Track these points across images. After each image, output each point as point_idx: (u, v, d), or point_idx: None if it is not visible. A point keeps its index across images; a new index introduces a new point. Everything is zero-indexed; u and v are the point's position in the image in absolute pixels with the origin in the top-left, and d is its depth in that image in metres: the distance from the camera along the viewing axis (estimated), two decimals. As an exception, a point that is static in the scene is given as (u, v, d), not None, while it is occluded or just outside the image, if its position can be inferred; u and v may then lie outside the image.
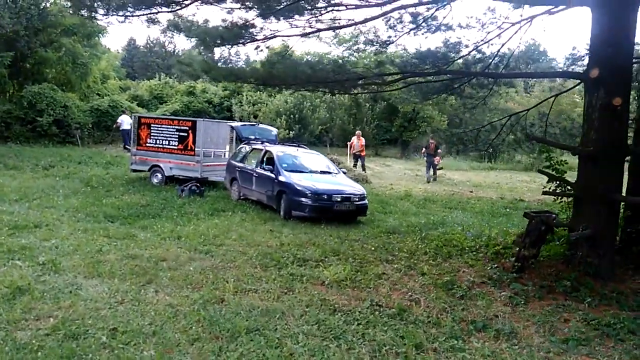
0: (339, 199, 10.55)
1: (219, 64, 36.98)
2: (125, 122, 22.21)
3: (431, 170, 19.64)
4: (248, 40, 7.68)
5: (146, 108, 27.70)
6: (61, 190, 12.61)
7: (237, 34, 7.51)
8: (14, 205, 10.62)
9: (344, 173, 12.34)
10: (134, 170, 15.72)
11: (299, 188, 10.70)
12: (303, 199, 10.52)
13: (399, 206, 13.32)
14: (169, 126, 14.97)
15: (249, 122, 17.18)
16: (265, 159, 12.45)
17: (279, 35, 7.78)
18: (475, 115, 32.06)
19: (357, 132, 21.58)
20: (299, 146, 13.51)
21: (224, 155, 15.74)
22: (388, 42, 9.09)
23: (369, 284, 6.16)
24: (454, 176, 21.29)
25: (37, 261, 6.54)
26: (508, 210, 13.38)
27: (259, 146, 13.16)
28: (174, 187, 14.06)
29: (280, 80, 7.72)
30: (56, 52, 23.54)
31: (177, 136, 14.80)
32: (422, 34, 9.25)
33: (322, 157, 13.07)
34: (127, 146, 22.17)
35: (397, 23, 9.05)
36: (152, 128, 15.21)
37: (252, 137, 14.14)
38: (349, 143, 21.45)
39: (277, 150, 12.28)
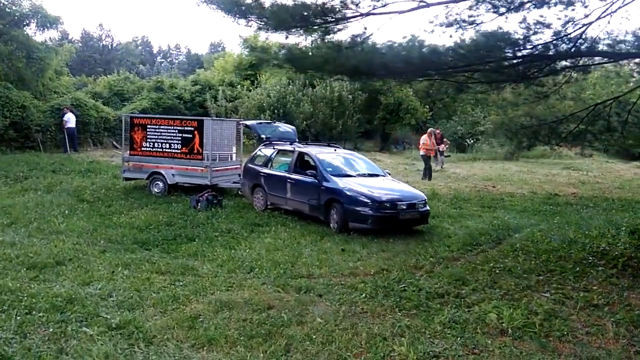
0: (404, 207, 9.21)
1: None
2: (72, 120, 19.91)
3: (438, 157, 20.89)
4: (337, 18, 6.14)
5: (108, 106, 25.05)
6: (55, 208, 10.52)
7: (325, 10, 5.97)
8: (8, 232, 8.59)
9: (389, 174, 10.98)
10: (127, 179, 13.69)
11: (356, 196, 9.26)
12: (363, 209, 9.10)
13: (436, 208, 12.13)
14: (169, 127, 13.04)
15: (264, 120, 15.31)
16: (299, 162, 10.90)
17: (375, 13, 6.28)
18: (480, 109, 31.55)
19: (430, 129, 18.92)
20: (328, 145, 12.02)
21: (231, 158, 14.01)
22: (470, 22, 7.78)
23: (561, 330, 4.83)
24: (457, 170, 20.44)
25: (106, 324, 4.81)
26: (553, 207, 12.51)
27: (287, 147, 11.57)
28: (180, 197, 12.29)
29: (387, 70, 6.25)
30: (7, 46, 20.60)
31: (180, 138, 12.92)
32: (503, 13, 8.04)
33: (363, 157, 11.65)
34: (74, 148, 19.93)
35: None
36: (148, 130, 13.23)
37: (272, 137, 12.50)
38: (423, 143, 17.85)
39: (315, 151, 10.75)
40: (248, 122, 13.65)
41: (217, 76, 30.34)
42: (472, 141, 29.79)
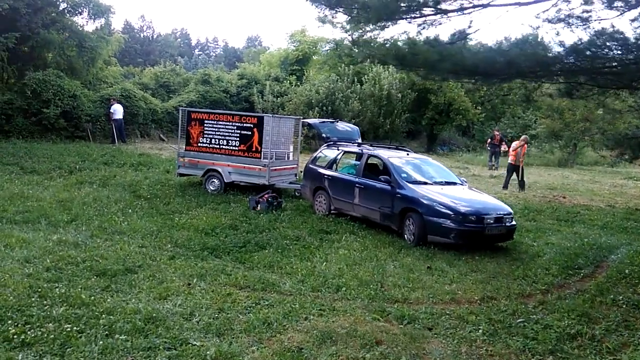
0: (491, 221, 8.39)
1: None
2: (118, 111, 19.65)
3: (493, 158, 22.00)
4: (455, 9, 5.39)
5: (154, 97, 24.83)
6: (113, 204, 10.11)
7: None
8: (69, 230, 8.16)
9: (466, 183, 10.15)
10: (181, 174, 13.23)
11: (437, 206, 8.49)
12: (444, 221, 8.32)
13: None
14: (227, 123, 12.49)
15: (327, 119, 14.60)
16: (368, 166, 10.20)
17: (495, 4, 5.51)
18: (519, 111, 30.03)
19: (524, 137, 16.85)
20: (397, 148, 11.27)
21: (288, 157, 13.40)
22: (583, 20, 6.90)
23: None
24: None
25: (200, 354, 4.21)
26: (637, 224, 11.45)
27: (354, 149, 10.87)
28: (237, 197, 11.75)
29: (511, 69, 5.47)
30: (60, 34, 20.51)
31: (238, 135, 12.35)
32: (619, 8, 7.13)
33: (438, 163, 10.86)
34: (122, 140, 19.69)
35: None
36: (205, 125, 12.72)
37: (334, 137, 11.83)
38: (513, 151, 15.97)
39: (387, 155, 10.01)
40: (310, 121, 13.02)
41: (262, 70, 29.86)
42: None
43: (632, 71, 7.57)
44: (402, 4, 5.61)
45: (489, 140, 23.07)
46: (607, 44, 7.24)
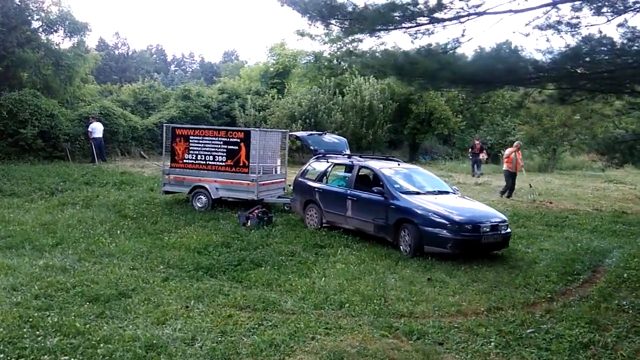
0: (486, 229, 8.35)
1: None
2: (98, 129, 19.26)
3: (475, 167, 22.25)
4: (450, 18, 5.34)
5: (134, 114, 24.44)
6: (98, 225, 9.81)
7: (433, 7, 5.18)
8: (55, 254, 7.86)
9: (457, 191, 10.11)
10: (167, 192, 12.95)
11: (432, 217, 8.41)
12: (441, 231, 8.24)
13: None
14: (213, 138, 12.29)
15: (314, 131, 14.38)
16: (359, 178, 10.11)
17: (491, 12, 5.49)
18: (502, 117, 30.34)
19: (517, 142, 16.81)
20: (387, 158, 11.22)
21: (276, 171, 13.24)
22: (572, 26, 6.95)
23: None
24: (500, 183, 19.46)
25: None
26: (626, 227, 11.55)
27: (345, 161, 10.77)
28: (226, 213, 11.54)
29: (511, 76, 5.43)
30: (35, 53, 20.08)
31: (225, 150, 12.16)
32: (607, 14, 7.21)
33: (428, 172, 10.81)
34: (102, 158, 19.29)
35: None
36: (190, 141, 12.50)
37: (322, 149, 11.71)
38: (506, 158, 15.71)
39: (379, 166, 9.93)
40: (298, 134, 12.90)
41: (243, 84, 29.74)
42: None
43: (619, 76, 7.66)
44: (396, 14, 5.55)
45: (470, 149, 23.51)
46: (596, 49, 7.33)
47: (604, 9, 7.26)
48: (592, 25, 7.29)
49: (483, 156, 22.52)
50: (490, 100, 31.60)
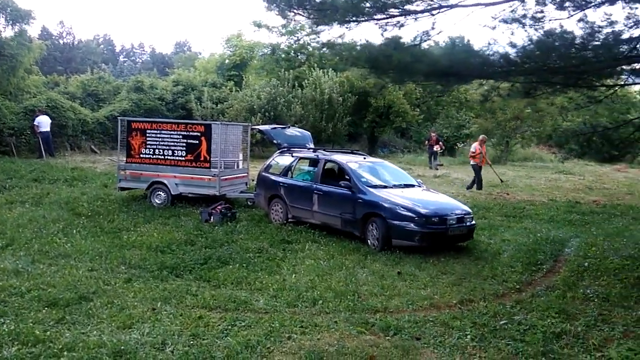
0: (453, 222, 8.43)
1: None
2: (45, 123, 18.35)
3: (432, 159, 22.65)
4: (419, 10, 5.27)
5: (84, 107, 23.39)
6: (51, 225, 9.29)
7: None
8: (5, 256, 7.41)
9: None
10: (123, 188, 12.43)
11: (400, 210, 8.42)
12: (408, 224, 8.26)
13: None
14: (172, 132, 11.87)
15: (278, 125, 14.01)
16: (325, 172, 10.00)
17: (462, 5, 5.46)
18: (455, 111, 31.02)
19: (482, 136, 16.78)
20: (353, 152, 11.16)
21: (237, 166, 12.96)
22: (537, 20, 7.06)
23: None
24: (457, 175, 19.88)
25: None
26: (580, 216, 11.95)
27: (311, 155, 10.64)
28: (187, 209, 11.23)
29: (484, 69, 5.41)
30: (-26, 41, 18.85)
31: (184, 144, 11.77)
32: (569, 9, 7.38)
33: (394, 166, 10.82)
34: (50, 153, 18.39)
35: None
36: (147, 135, 12.03)
37: (286, 143, 11.53)
38: (472, 151, 15.93)
39: (345, 160, 9.85)
40: (261, 127, 12.65)
41: (198, 76, 29.02)
42: (462, 144, 29.50)
43: (580, 70, 7.86)
44: (368, 5, 5.45)
45: (427, 141, 24.04)
46: (557, 43, 7.47)
47: (567, 4, 7.42)
48: (555, 19, 7.47)
49: (438, 148, 22.96)
50: (445, 94, 32.13)
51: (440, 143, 23.75)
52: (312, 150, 11.03)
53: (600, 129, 8.52)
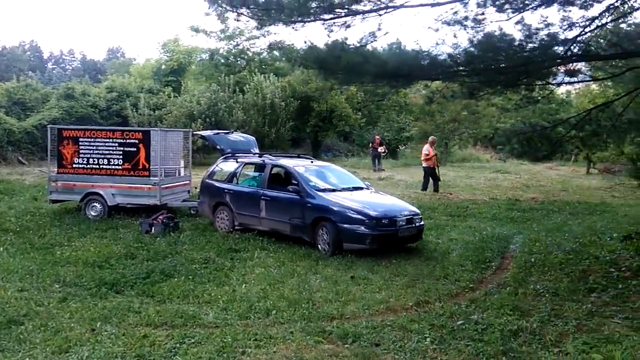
0: (402, 223, 8.41)
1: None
2: None
3: (376, 161, 22.78)
4: (365, 10, 5.16)
5: (9, 116, 21.92)
6: (-27, 243, 8.49)
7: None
8: None
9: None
10: (55, 201, 11.65)
11: (350, 213, 8.30)
12: (359, 227, 8.15)
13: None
14: (107, 140, 11.24)
15: (222, 129, 13.46)
16: (272, 177, 9.75)
17: (407, 6, 5.39)
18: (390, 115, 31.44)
19: (432, 137, 16.87)
20: (299, 156, 10.97)
21: (179, 173, 12.45)
22: (478, 21, 7.18)
23: None
24: (401, 177, 20.15)
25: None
26: (521, 213, 12.36)
27: (256, 160, 10.36)
28: (126, 221, 10.66)
29: (433, 71, 5.35)
30: None
31: (121, 152, 11.17)
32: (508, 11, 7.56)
33: (341, 169, 10.70)
34: None
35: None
36: (80, 143, 11.33)
37: (230, 148, 11.17)
38: (425, 153, 15.81)
39: (292, 164, 9.64)
40: (204, 133, 12.22)
41: (134, 82, 27.94)
42: (404, 147, 30.04)
43: (519, 71, 8.06)
44: (314, 4, 5.29)
45: (370, 144, 24.26)
46: (497, 45, 7.62)
47: (506, 6, 7.58)
48: (495, 21, 7.62)
49: (382, 150, 23.23)
50: (386, 98, 32.66)
51: (384, 146, 24.06)
52: (257, 155, 10.74)
53: (539, 128, 8.77)
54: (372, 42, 6.33)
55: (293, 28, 6.09)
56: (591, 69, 9.91)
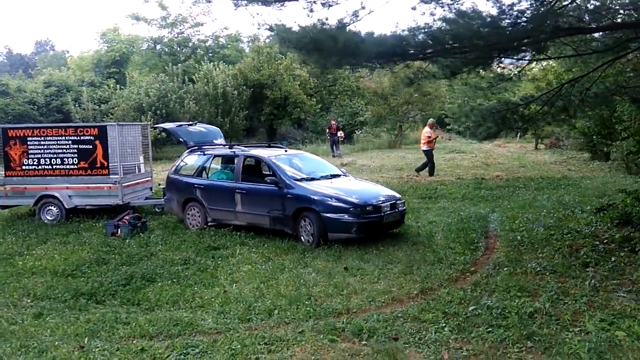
0: (387, 209, 8.23)
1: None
2: None
3: (334, 147, 22.56)
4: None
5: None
6: None
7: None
8: None
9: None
10: (4, 207, 10.74)
11: (333, 202, 8.03)
12: (343, 216, 7.90)
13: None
14: (60, 137, 10.42)
15: (184, 122, 12.70)
16: (246, 169, 9.32)
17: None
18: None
19: (431, 120, 16.97)
20: (269, 145, 10.57)
21: (139, 169, 11.75)
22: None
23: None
24: (363, 162, 20.06)
25: None
26: (489, 192, 12.51)
27: (227, 152, 9.87)
28: (87, 223, 10.01)
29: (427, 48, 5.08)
30: None
31: (76, 150, 10.40)
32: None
33: (316, 157, 10.38)
34: None
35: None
36: (29, 143, 10.45)
37: (193, 140, 10.60)
38: (427, 136, 15.56)
39: (267, 154, 9.24)
40: (165, 125, 11.54)
41: (73, 76, 26.34)
42: (359, 132, 29.98)
43: (494, 48, 7.99)
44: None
45: (327, 130, 24.05)
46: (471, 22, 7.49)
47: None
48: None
49: (340, 134, 23.11)
50: (337, 83, 32.48)
51: (341, 130, 23.89)
52: (228, 146, 10.26)
53: (512, 106, 8.77)
54: (354, 22, 6.03)
55: (273, 8, 5.70)
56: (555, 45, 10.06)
